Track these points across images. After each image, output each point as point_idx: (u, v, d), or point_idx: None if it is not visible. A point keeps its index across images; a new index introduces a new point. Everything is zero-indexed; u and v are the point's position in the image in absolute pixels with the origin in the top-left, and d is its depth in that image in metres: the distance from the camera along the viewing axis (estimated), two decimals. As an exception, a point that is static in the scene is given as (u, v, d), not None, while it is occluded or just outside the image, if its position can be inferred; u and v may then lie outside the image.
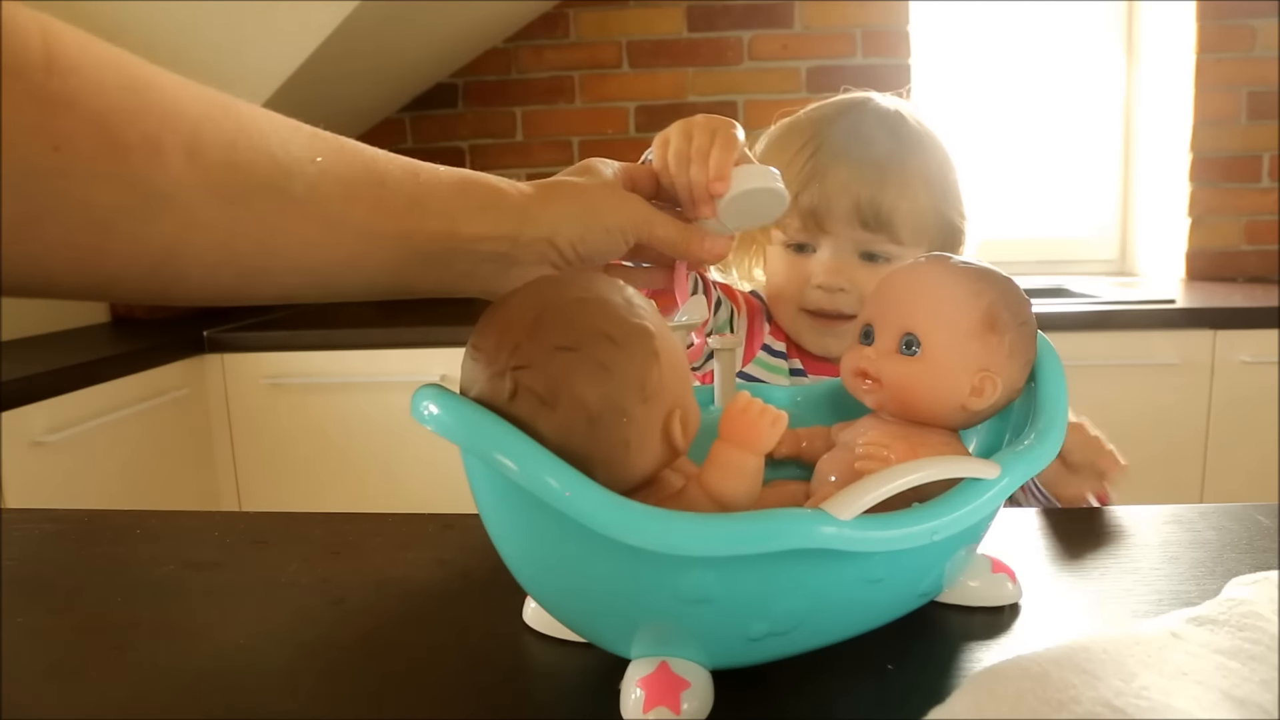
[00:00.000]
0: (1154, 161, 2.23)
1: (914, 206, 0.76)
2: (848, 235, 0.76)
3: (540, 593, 0.43)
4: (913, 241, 0.77)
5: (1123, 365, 1.67)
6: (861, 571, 0.39)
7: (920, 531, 0.39)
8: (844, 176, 0.75)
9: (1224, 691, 0.32)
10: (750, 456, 0.39)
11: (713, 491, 0.39)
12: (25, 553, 0.61)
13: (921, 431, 0.47)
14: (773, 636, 0.39)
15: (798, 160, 0.77)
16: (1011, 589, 0.48)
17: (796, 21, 2.19)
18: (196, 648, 0.47)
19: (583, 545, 0.36)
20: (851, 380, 0.49)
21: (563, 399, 0.37)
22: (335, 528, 0.64)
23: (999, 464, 0.42)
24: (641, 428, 0.38)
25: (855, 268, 0.77)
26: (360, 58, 1.80)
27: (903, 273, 0.50)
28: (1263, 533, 0.57)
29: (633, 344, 0.38)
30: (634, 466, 0.39)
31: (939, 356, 0.47)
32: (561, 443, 0.37)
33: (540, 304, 0.39)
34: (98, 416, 1.45)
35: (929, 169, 0.77)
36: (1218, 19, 2.06)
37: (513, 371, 0.37)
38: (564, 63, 2.24)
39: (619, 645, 0.41)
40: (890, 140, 0.77)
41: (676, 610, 0.37)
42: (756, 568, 0.36)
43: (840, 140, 0.77)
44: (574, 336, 0.38)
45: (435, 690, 0.42)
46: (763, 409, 0.39)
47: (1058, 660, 0.33)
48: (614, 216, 0.49)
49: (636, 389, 0.38)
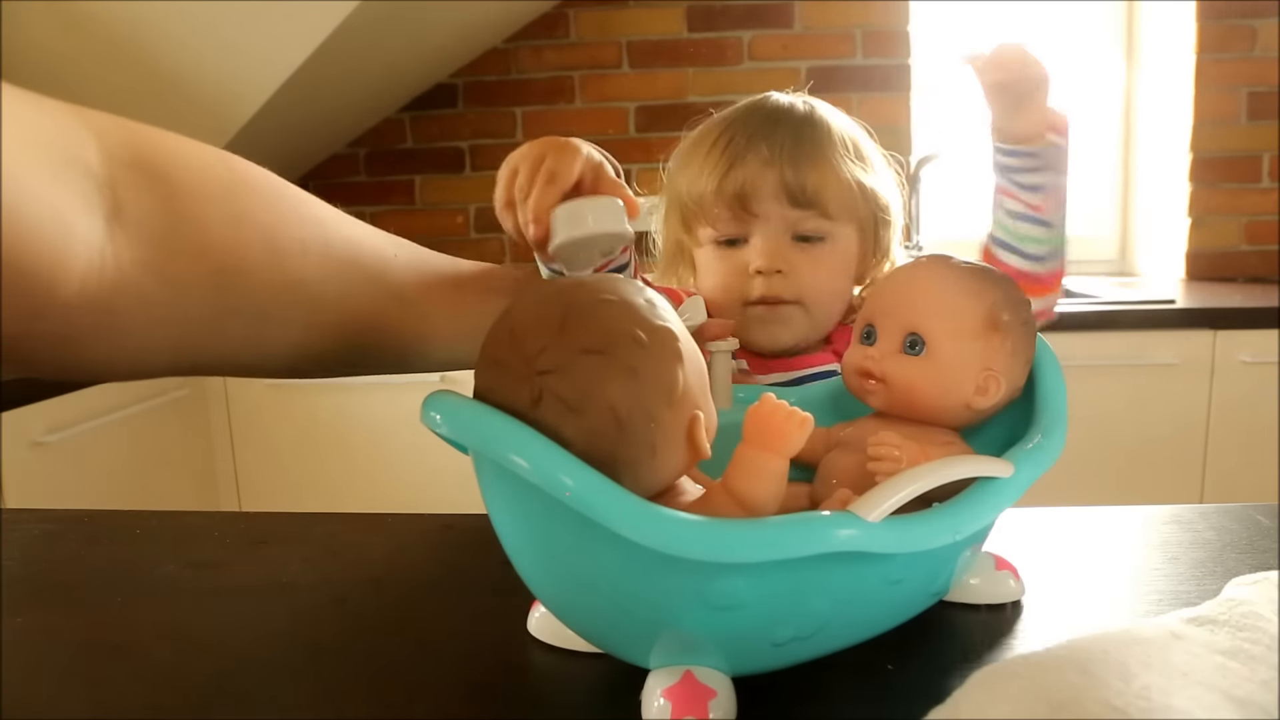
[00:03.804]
0: (1154, 162, 2.23)
1: (838, 178, 0.74)
2: (778, 216, 0.74)
3: (555, 602, 0.42)
4: (843, 216, 0.75)
5: (1123, 365, 1.66)
6: (884, 573, 0.39)
7: (946, 531, 0.39)
8: (764, 154, 0.74)
9: (1224, 692, 0.32)
10: (777, 459, 0.38)
11: (740, 495, 0.38)
12: (25, 553, 0.61)
13: (927, 431, 0.47)
14: (796, 641, 0.39)
15: (714, 153, 0.76)
16: (1014, 586, 0.49)
17: (796, 21, 2.19)
18: (196, 648, 0.47)
19: (610, 554, 0.36)
20: (855, 380, 0.49)
21: (591, 404, 0.36)
22: (335, 528, 0.64)
23: (1012, 462, 0.42)
24: (668, 432, 0.38)
25: (790, 249, 0.75)
26: (360, 58, 1.80)
27: (903, 273, 0.50)
28: (1263, 533, 0.57)
29: (660, 346, 0.37)
30: (659, 472, 0.38)
31: (944, 356, 0.47)
32: (588, 449, 0.35)
33: (564, 307, 0.38)
34: (98, 416, 1.46)
35: (846, 144, 0.77)
36: (1218, 19, 2.06)
37: (538, 376, 0.36)
38: (564, 63, 2.24)
39: (636, 655, 0.40)
40: (801, 119, 0.77)
41: (704, 618, 0.37)
42: (787, 572, 0.36)
43: (754, 125, 0.76)
44: (601, 339, 0.37)
45: (436, 690, 0.42)
46: (789, 411, 0.38)
47: (1058, 660, 0.33)
48: None
49: (664, 392, 0.37)
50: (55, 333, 0.37)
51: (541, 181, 0.52)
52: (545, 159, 0.53)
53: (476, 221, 2.29)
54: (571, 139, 0.55)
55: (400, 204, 2.30)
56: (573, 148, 0.55)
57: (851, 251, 0.76)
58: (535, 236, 0.52)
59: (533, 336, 0.37)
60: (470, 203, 2.29)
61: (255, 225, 0.44)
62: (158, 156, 0.41)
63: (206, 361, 0.46)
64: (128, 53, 1.56)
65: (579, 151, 0.55)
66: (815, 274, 0.74)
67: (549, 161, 0.53)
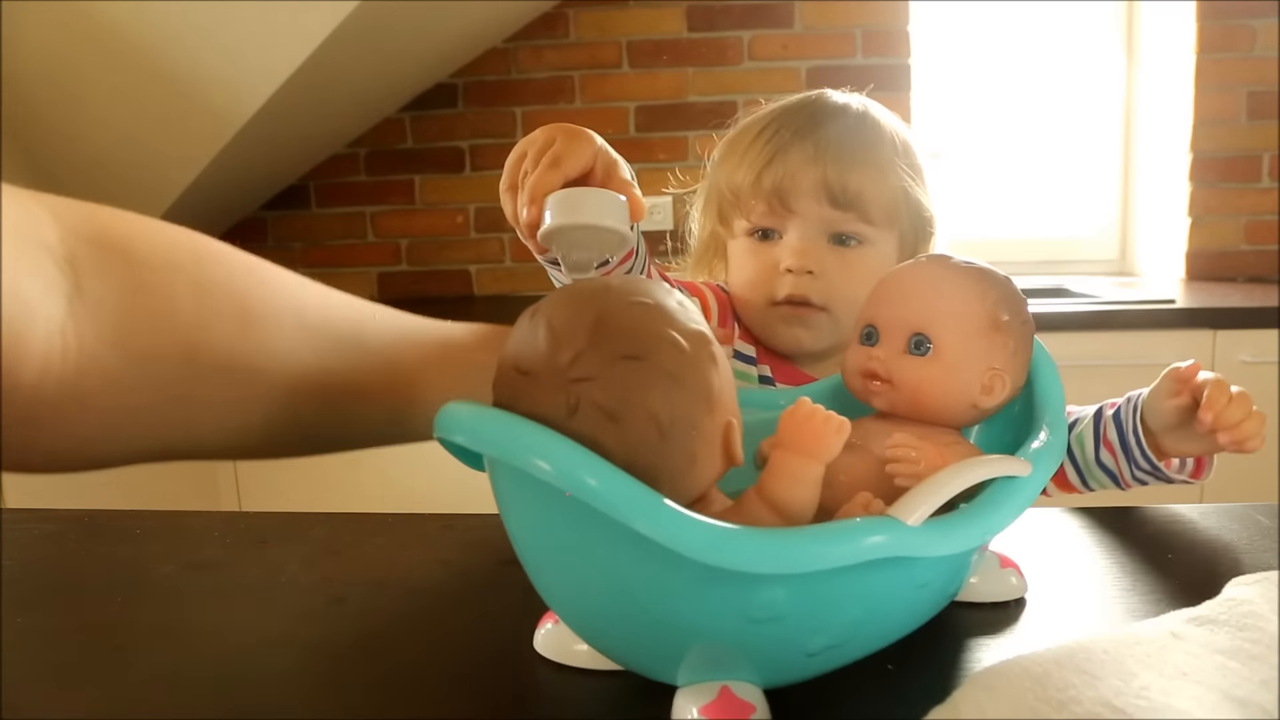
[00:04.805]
0: (1154, 161, 2.23)
1: (885, 184, 0.72)
2: (816, 215, 0.72)
3: (577, 617, 0.40)
4: (884, 223, 0.72)
5: (1123, 365, 1.66)
6: (913, 577, 0.39)
7: (982, 531, 0.38)
8: (810, 151, 0.71)
9: (1224, 691, 0.32)
10: (815, 465, 0.37)
11: (778, 501, 0.37)
12: (25, 553, 0.61)
13: (933, 431, 0.47)
14: (829, 650, 0.38)
15: (758, 144, 0.73)
16: (1017, 583, 0.49)
17: (796, 21, 2.18)
18: (196, 648, 0.47)
19: (652, 568, 0.34)
20: (858, 381, 0.49)
21: (632, 412, 0.34)
22: (335, 528, 0.64)
23: (1029, 461, 0.42)
24: (708, 439, 0.36)
25: (824, 251, 0.72)
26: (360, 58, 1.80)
27: (904, 272, 0.50)
28: (1263, 533, 0.57)
29: (698, 351, 0.36)
30: (697, 481, 0.37)
31: (951, 356, 0.46)
32: (629, 459, 0.34)
33: (597, 311, 0.36)
34: (98, 416, 1.45)
35: (897, 149, 0.74)
36: (1218, 19, 2.05)
37: (573, 385, 0.34)
38: (564, 63, 2.24)
39: (662, 671, 0.38)
40: (856, 120, 0.74)
41: (742, 630, 0.35)
42: (825, 580, 0.35)
43: (803, 119, 0.73)
44: (639, 344, 0.35)
45: (437, 690, 0.42)
46: (827, 415, 0.38)
47: (1058, 660, 0.33)
48: None
49: (704, 398, 0.36)
50: (17, 418, 0.35)
51: (546, 163, 0.50)
52: (554, 143, 0.52)
53: (476, 221, 2.29)
54: (586, 129, 0.53)
55: (400, 204, 2.30)
56: (585, 136, 0.53)
57: (889, 260, 0.73)
58: (529, 219, 0.50)
59: (564, 343, 0.35)
60: (470, 203, 2.29)
61: (224, 295, 0.42)
62: (118, 231, 0.40)
63: (181, 442, 0.44)
64: (128, 53, 1.56)
65: (591, 141, 0.53)
66: (847, 278, 0.72)
67: (557, 145, 0.51)
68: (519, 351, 0.36)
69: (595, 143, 0.53)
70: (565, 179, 0.51)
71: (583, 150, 0.52)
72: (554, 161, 0.51)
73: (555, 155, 0.51)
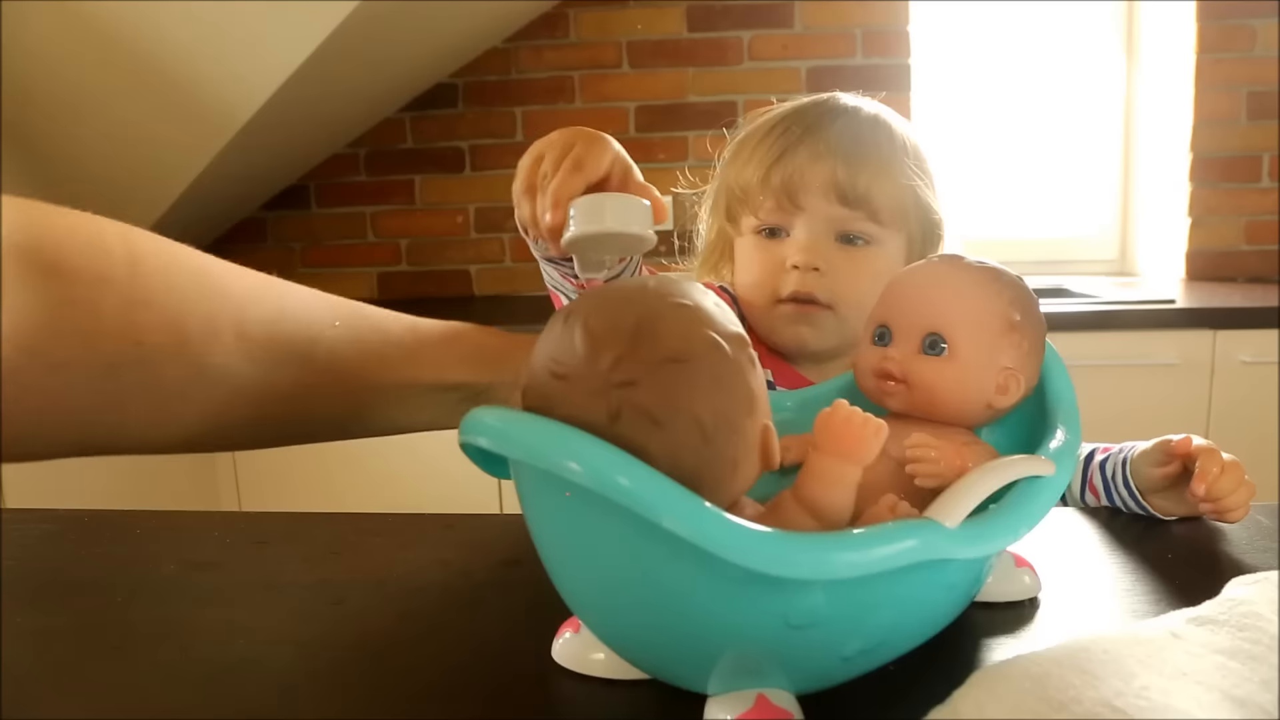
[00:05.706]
0: (1154, 162, 2.23)
1: (894, 185, 0.71)
2: (824, 213, 0.71)
3: (605, 624, 0.39)
4: (892, 223, 0.72)
5: (1123, 365, 1.66)
6: (943, 578, 0.38)
7: (1013, 531, 0.38)
8: (820, 148, 0.71)
9: (1224, 691, 0.32)
10: (853, 468, 0.37)
11: (815, 504, 0.37)
12: (25, 553, 0.61)
13: (948, 431, 0.47)
14: (862, 654, 0.37)
15: (768, 140, 0.73)
16: (1030, 582, 0.49)
17: (796, 21, 2.19)
18: (196, 648, 0.47)
19: (694, 575, 0.33)
20: (872, 382, 0.48)
21: (677, 416, 0.33)
22: (335, 528, 0.64)
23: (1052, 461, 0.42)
24: (748, 443, 0.36)
25: (832, 250, 0.72)
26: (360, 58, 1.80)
27: (917, 272, 0.50)
28: (1263, 533, 0.57)
29: (737, 352, 0.36)
30: (738, 484, 0.36)
31: (967, 356, 0.46)
32: (671, 465, 0.33)
33: (638, 313, 0.35)
34: (98, 416, 1.45)
35: (907, 152, 0.73)
36: (1218, 19, 2.06)
37: (615, 389, 0.33)
38: (564, 63, 2.24)
39: (692, 679, 0.38)
40: (867, 121, 0.74)
41: (780, 636, 0.35)
42: (866, 584, 0.34)
43: (814, 118, 0.73)
44: (683, 347, 0.34)
45: (437, 690, 0.42)
46: (865, 418, 0.37)
47: (1058, 660, 0.33)
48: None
49: (745, 401, 0.35)
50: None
51: (568, 167, 0.50)
52: (574, 147, 0.52)
53: (476, 221, 2.29)
54: (603, 133, 0.53)
55: (400, 204, 2.30)
56: (604, 140, 0.53)
57: (897, 261, 0.73)
58: (552, 223, 0.50)
59: (605, 346, 0.34)
60: (470, 203, 2.29)
61: (157, 309, 0.42)
62: (51, 240, 0.40)
63: (105, 442, 0.44)
64: (128, 53, 1.56)
65: (610, 145, 0.53)
66: (854, 278, 0.71)
67: (578, 149, 0.51)
68: (555, 355, 0.35)
69: (613, 147, 0.53)
70: (587, 183, 0.51)
71: (603, 154, 0.52)
72: (576, 165, 0.51)
73: (577, 159, 0.51)
